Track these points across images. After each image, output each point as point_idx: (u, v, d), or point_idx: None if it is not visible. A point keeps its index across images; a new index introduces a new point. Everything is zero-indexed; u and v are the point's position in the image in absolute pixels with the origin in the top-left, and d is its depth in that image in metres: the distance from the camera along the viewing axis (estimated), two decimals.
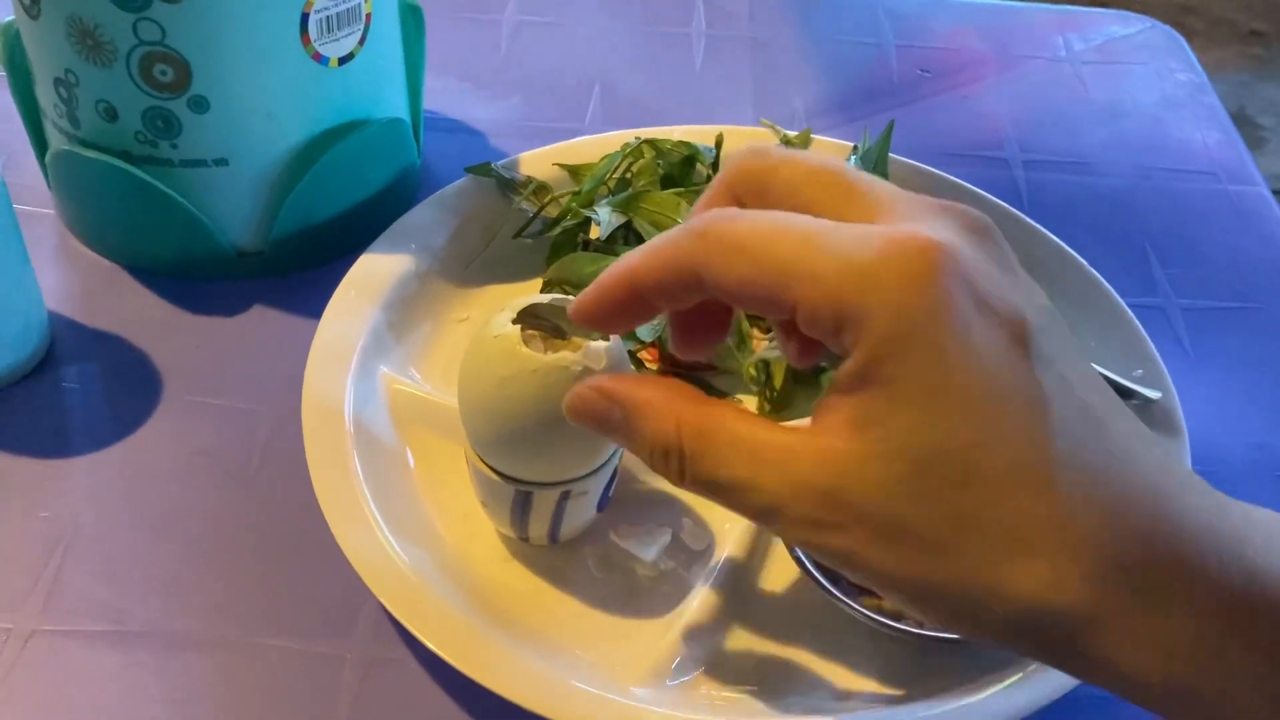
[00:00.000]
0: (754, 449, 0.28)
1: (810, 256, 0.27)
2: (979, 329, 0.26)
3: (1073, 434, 0.26)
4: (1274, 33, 2.33)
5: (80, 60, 0.49)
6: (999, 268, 0.28)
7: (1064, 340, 0.28)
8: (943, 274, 0.26)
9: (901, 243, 0.26)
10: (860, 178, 0.30)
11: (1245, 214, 0.66)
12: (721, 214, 0.29)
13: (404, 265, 0.53)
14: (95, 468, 0.48)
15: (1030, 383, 0.26)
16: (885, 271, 0.26)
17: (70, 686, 0.41)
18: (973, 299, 0.26)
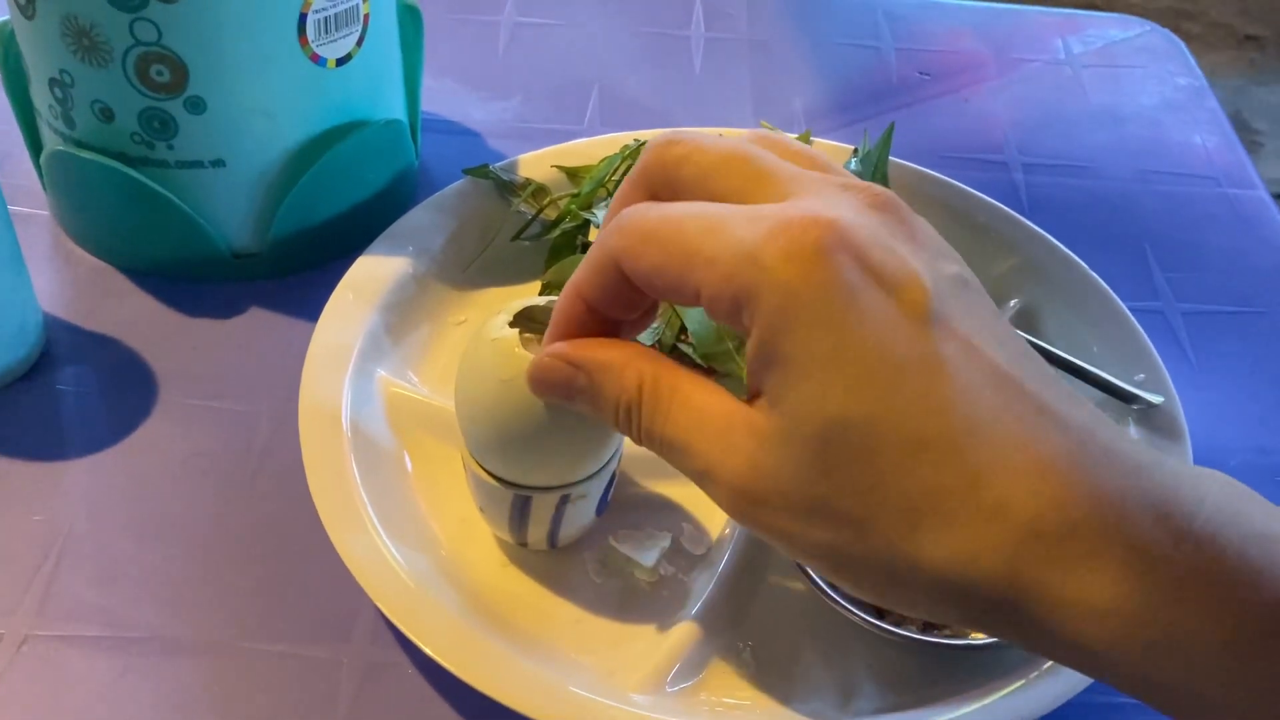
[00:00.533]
0: (700, 413, 0.30)
1: (709, 241, 0.28)
2: (869, 300, 0.26)
3: (978, 400, 0.26)
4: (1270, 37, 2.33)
5: (76, 61, 0.49)
6: (899, 239, 0.28)
7: (972, 305, 0.28)
8: (828, 249, 0.26)
9: (789, 221, 0.27)
10: (766, 161, 0.30)
11: (1246, 218, 0.66)
12: (639, 207, 0.31)
13: (402, 268, 0.53)
14: (90, 471, 0.48)
15: (927, 350, 0.26)
16: (772, 250, 0.27)
17: (64, 692, 0.41)
18: (862, 270, 0.27)
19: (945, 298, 0.28)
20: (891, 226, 0.29)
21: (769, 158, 0.30)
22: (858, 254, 0.27)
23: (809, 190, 0.29)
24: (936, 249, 0.29)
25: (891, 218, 0.29)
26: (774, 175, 0.30)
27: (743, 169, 0.30)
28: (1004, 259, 0.56)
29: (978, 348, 0.27)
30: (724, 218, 0.28)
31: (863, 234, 0.27)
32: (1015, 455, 0.26)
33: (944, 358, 0.26)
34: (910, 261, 0.28)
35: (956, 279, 0.29)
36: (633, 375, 0.31)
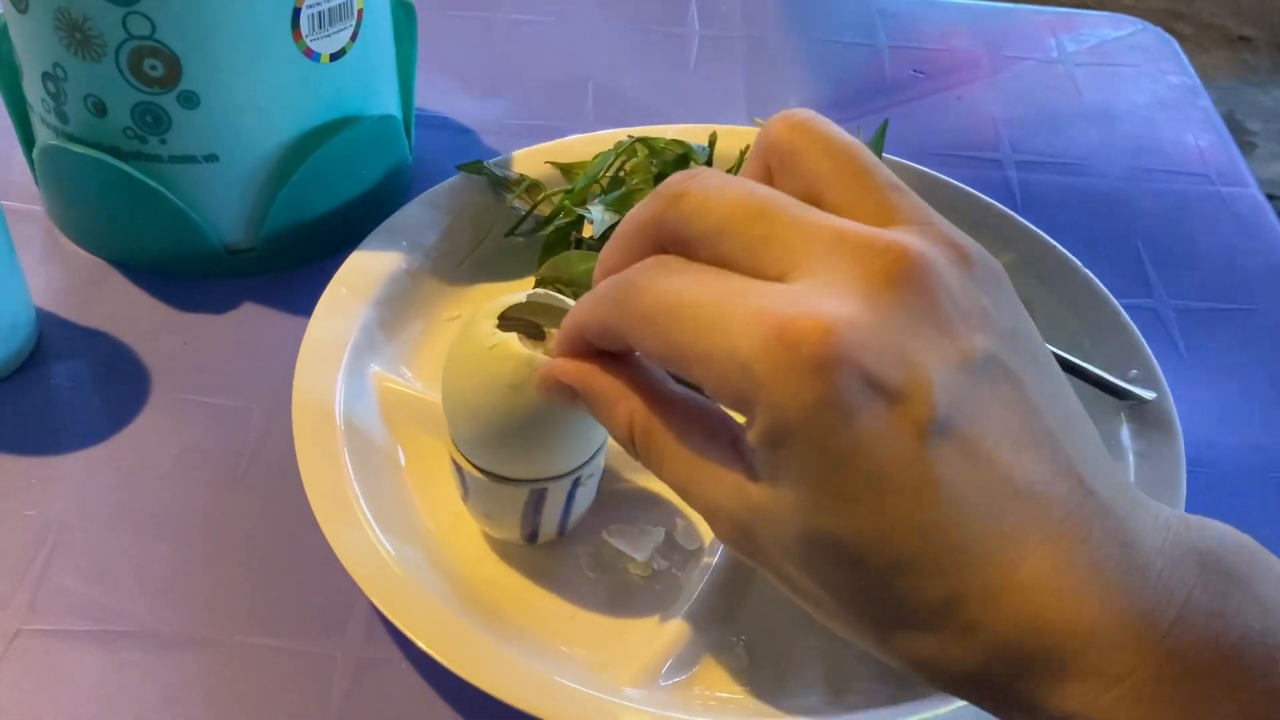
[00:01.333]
0: (689, 462, 0.30)
1: (704, 338, 0.27)
2: (866, 417, 0.25)
3: (968, 519, 0.26)
4: (1262, 38, 2.34)
5: (69, 55, 0.49)
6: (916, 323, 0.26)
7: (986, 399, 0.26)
8: (824, 365, 0.25)
9: (784, 330, 0.25)
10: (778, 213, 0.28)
11: (1238, 216, 0.66)
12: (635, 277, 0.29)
13: (395, 263, 0.53)
14: (83, 466, 0.47)
15: (921, 469, 0.26)
16: (766, 365, 0.26)
17: (56, 686, 0.41)
18: (863, 383, 0.25)
19: (954, 399, 0.26)
20: (908, 304, 0.26)
21: (781, 210, 0.28)
22: (860, 365, 0.25)
23: (820, 261, 0.27)
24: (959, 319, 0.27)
25: (910, 290, 0.26)
26: (785, 234, 0.28)
27: (751, 227, 0.28)
28: (998, 256, 0.54)
29: (982, 454, 0.26)
30: (720, 307, 0.27)
31: (869, 336, 0.25)
32: (995, 578, 0.26)
33: (938, 475, 0.26)
34: (920, 363, 0.26)
35: (975, 364, 0.26)
36: (623, 414, 0.31)
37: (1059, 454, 0.27)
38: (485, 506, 0.43)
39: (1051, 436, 0.27)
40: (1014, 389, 0.27)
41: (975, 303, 0.27)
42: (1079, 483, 0.27)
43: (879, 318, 0.26)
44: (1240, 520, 0.50)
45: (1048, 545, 0.26)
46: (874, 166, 0.30)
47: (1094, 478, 0.27)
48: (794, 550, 0.27)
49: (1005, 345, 0.27)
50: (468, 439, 0.41)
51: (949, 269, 0.27)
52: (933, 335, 0.26)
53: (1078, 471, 0.27)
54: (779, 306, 0.26)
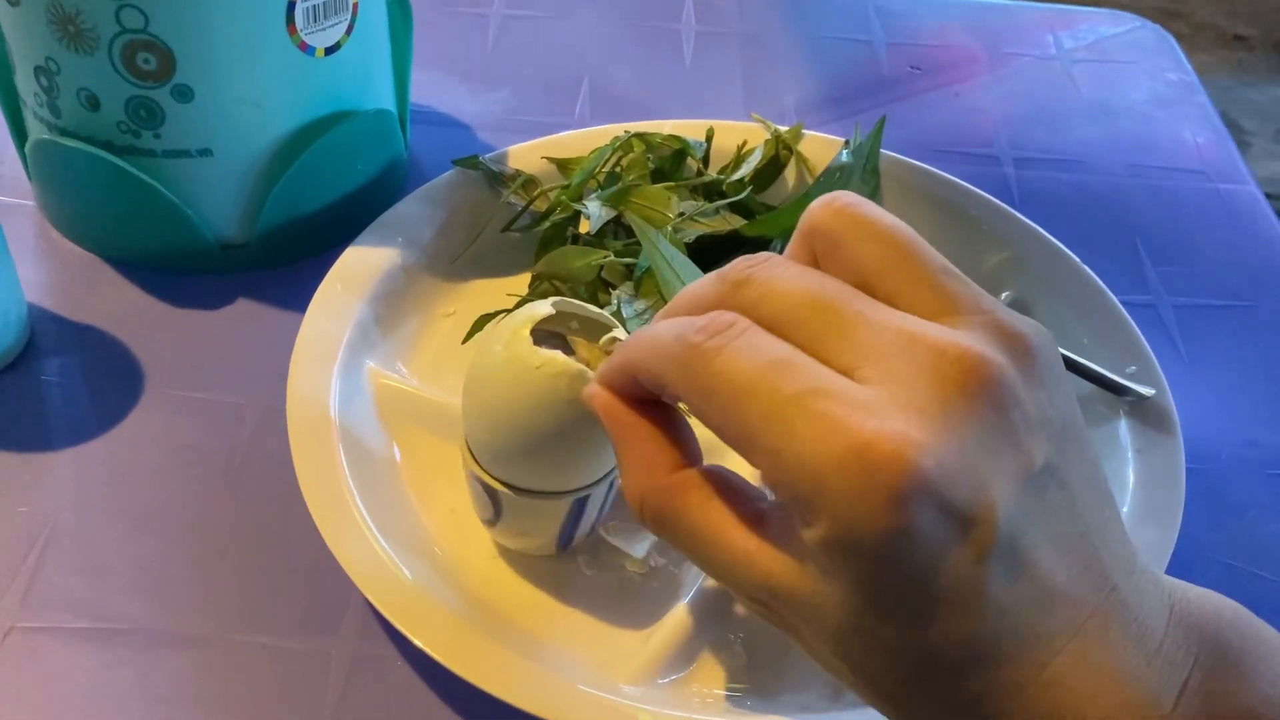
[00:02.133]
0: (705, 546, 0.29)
1: (772, 434, 0.26)
2: (932, 543, 0.25)
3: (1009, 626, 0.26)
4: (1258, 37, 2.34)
5: (61, 48, 0.48)
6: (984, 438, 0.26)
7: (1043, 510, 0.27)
8: (904, 496, 0.25)
9: (861, 450, 0.25)
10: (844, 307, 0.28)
11: (1236, 213, 0.66)
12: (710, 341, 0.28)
13: (390, 259, 0.52)
14: (75, 462, 0.47)
15: (973, 588, 0.26)
16: (839, 482, 0.25)
17: (49, 684, 0.40)
18: (934, 511, 0.25)
19: (1017, 521, 0.26)
20: (979, 415, 0.26)
21: (848, 305, 0.28)
22: (936, 495, 0.25)
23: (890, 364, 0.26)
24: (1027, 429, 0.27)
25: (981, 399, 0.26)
26: (853, 329, 0.27)
27: (818, 319, 0.28)
28: (996, 252, 0.56)
29: (1030, 565, 0.26)
30: (793, 405, 0.26)
31: (946, 463, 0.25)
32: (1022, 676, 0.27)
33: (986, 595, 0.26)
34: (988, 484, 0.26)
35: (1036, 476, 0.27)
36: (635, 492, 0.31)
37: (1092, 553, 0.28)
38: (522, 524, 0.42)
39: (1088, 537, 0.28)
40: (1064, 495, 0.27)
41: (1038, 408, 0.27)
42: (1105, 578, 0.28)
43: (955, 437, 0.26)
44: (1238, 517, 0.50)
45: (1073, 643, 0.27)
46: (924, 252, 0.29)
47: (1115, 569, 0.28)
48: (828, 636, 0.28)
49: (1060, 449, 0.28)
50: (509, 459, 0.40)
51: (1014, 374, 0.27)
52: (1001, 449, 0.26)
53: (1105, 566, 0.28)
54: (855, 421, 0.25)
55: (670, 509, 0.30)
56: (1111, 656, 0.27)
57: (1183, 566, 0.45)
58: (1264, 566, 0.48)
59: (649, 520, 0.31)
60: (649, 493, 0.30)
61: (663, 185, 0.54)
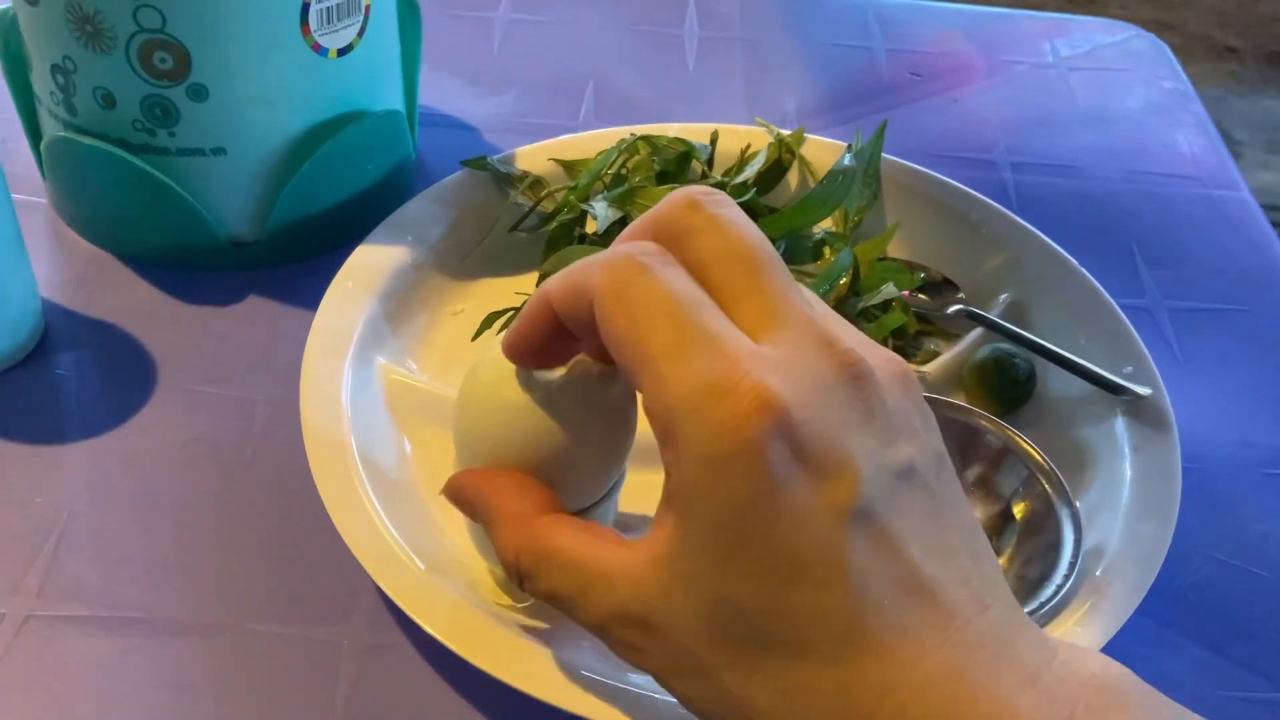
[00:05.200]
0: (582, 573, 0.30)
1: (666, 359, 0.27)
2: (791, 493, 0.26)
3: (874, 608, 0.26)
4: (1249, 49, 2.36)
5: (79, 47, 0.49)
6: (857, 421, 0.27)
7: (910, 497, 0.28)
8: (764, 434, 0.26)
9: (736, 385, 0.26)
10: (769, 277, 0.29)
11: (1230, 219, 0.67)
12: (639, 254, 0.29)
13: (400, 257, 0.53)
14: (90, 455, 0.48)
15: (835, 552, 0.26)
16: (710, 416, 0.26)
17: (66, 672, 0.41)
18: (794, 458, 0.26)
19: (878, 490, 0.27)
20: (851, 403, 0.28)
21: (774, 273, 0.29)
22: (794, 440, 0.26)
23: (789, 333, 0.28)
24: (893, 431, 0.28)
25: (858, 391, 0.28)
26: (769, 296, 0.29)
27: (742, 276, 0.29)
28: (995, 254, 0.57)
29: (896, 547, 0.27)
30: (693, 341, 0.27)
31: (811, 416, 0.26)
32: (892, 673, 0.26)
33: (848, 562, 0.26)
34: (851, 452, 0.27)
35: (900, 470, 0.28)
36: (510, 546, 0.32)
37: (963, 568, 0.28)
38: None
39: (957, 552, 0.28)
40: (930, 500, 0.28)
41: (907, 420, 0.29)
42: (979, 596, 0.28)
43: (823, 403, 0.27)
44: (1232, 516, 0.51)
45: (945, 649, 0.26)
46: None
47: (993, 595, 0.28)
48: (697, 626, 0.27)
49: (928, 462, 0.29)
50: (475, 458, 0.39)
51: (892, 385, 0.29)
52: (868, 435, 0.28)
53: (978, 587, 0.28)
54: (740, 365, 0.27)
55: (546, 544, 0.31)
56: (991, 673, 0.26)
57: (1178, 562, 0.46)
58: (1256, 563, 0.49)
59: (527, 566, 0.31)
60: (523, 539, 0.31)
61: (668, 187, 0.55)
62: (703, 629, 0.27)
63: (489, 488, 0.34)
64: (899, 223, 0.57)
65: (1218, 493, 0.51)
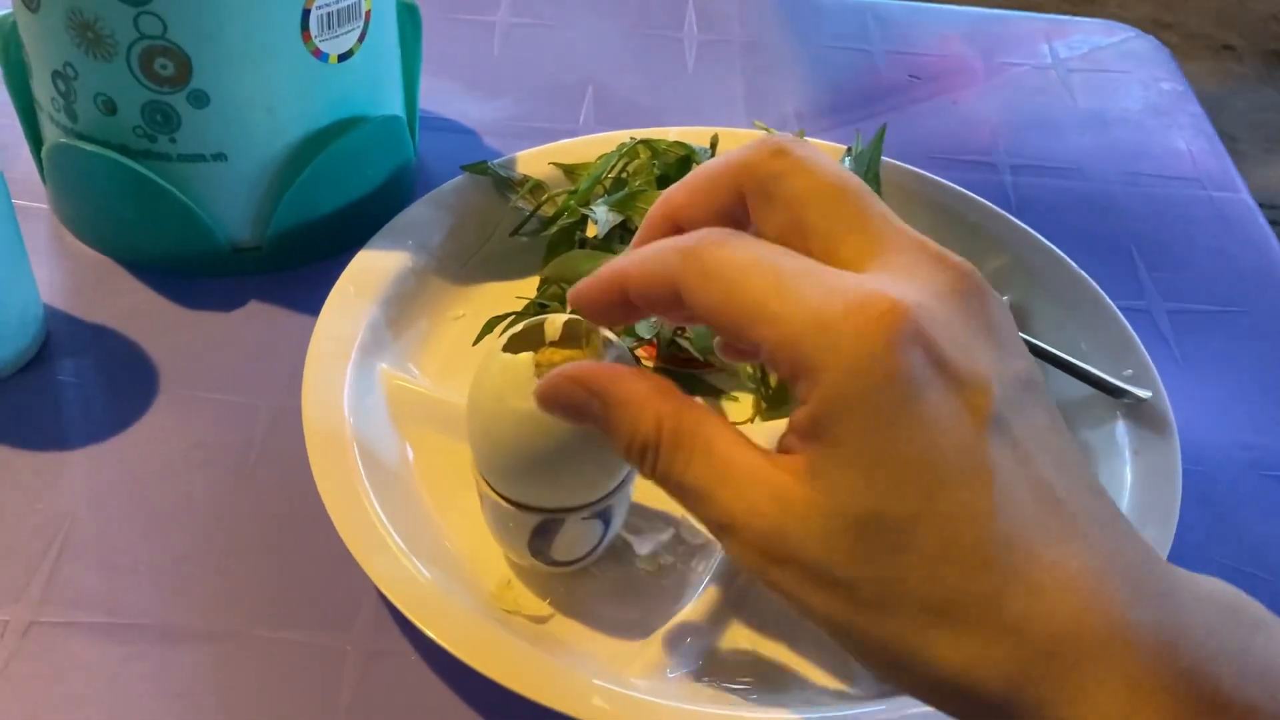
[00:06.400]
0: (723, 462, 0.29)
1: (778, 299, 0.27)
2: (932, 397, 0.26)
3: (1017, 514, 0.26)
4: (1247, 48, 2.36)
5: (80, 53, 0.49)
6: (977, 331, 0.28)
7: (1033, 409, 0.28)
8: (901, 339, 0.26)
9: (865, 302, 0.26)
10: (866, 203, 0.29)
11: (1229, 220, 0.67)
12: (709, 236, 0.29)
13: (401, 262, 0.53)
14: (92, 461, 0.48)
15: (979, 458, 0.26)
16: (843, 330, 0.26)
17: (68, 678, 0.41)
18: (931, 365, 0.26)
19: (1009, 400, 0.27)
20: (972, 314, 0.28)
21: (870, 202, 0.29)
22: (930, 348, 0.26)
23: (899, 256, 0.28)
24: (1009, 343, 0.29)
25: (975, 303, 0.28)
26: (871, 224, 0.29)
27: (841, 207, 0.29)
28: (995, 257, 0.57)
29: (1029, 456, 0.27)
30: (797, 275, 0.27)
31: (939, 325, 0.27)
32: (1041, 574, 0.26)
33: (993, 466, 0.26)
34: (981, 360, 0.27)
35: (1023, 379, 0.28)
36: (651, 415, 0.30)
37: (1091, 480, 0.28)
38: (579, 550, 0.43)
39: (1081, 463, 0.28)
40: (1050, 412, 0.29)
41: (1015, 337, 0.29)
42: (1108, 508, 0.28)
43: (948, 315, 0.27)
44: (1233, 518, 0.51)
45: (1088, 554, 0.26)
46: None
47: (1115, 508, 0.28)
48: (843, 544, 0.27)
49: (1035, 373, 0.29)
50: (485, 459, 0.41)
51: (999, 302, 0.29)
52: (990, 344, 0.28)
53: (1105, 498, 0.28)
54: (860, 283, 0.27)
55: (694, 423, 0.29)
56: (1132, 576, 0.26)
57: (1178, 565, 0.46)
58: (1257, 566, 0.49)
59: (669, 440, 0.29)
60: (671, 411, 0.30)
61: None
62: (843, 542, 0.27)
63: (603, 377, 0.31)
64: None
65: (1219, 495, 0.51)
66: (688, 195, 0.31)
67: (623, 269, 0.31)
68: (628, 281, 0.31)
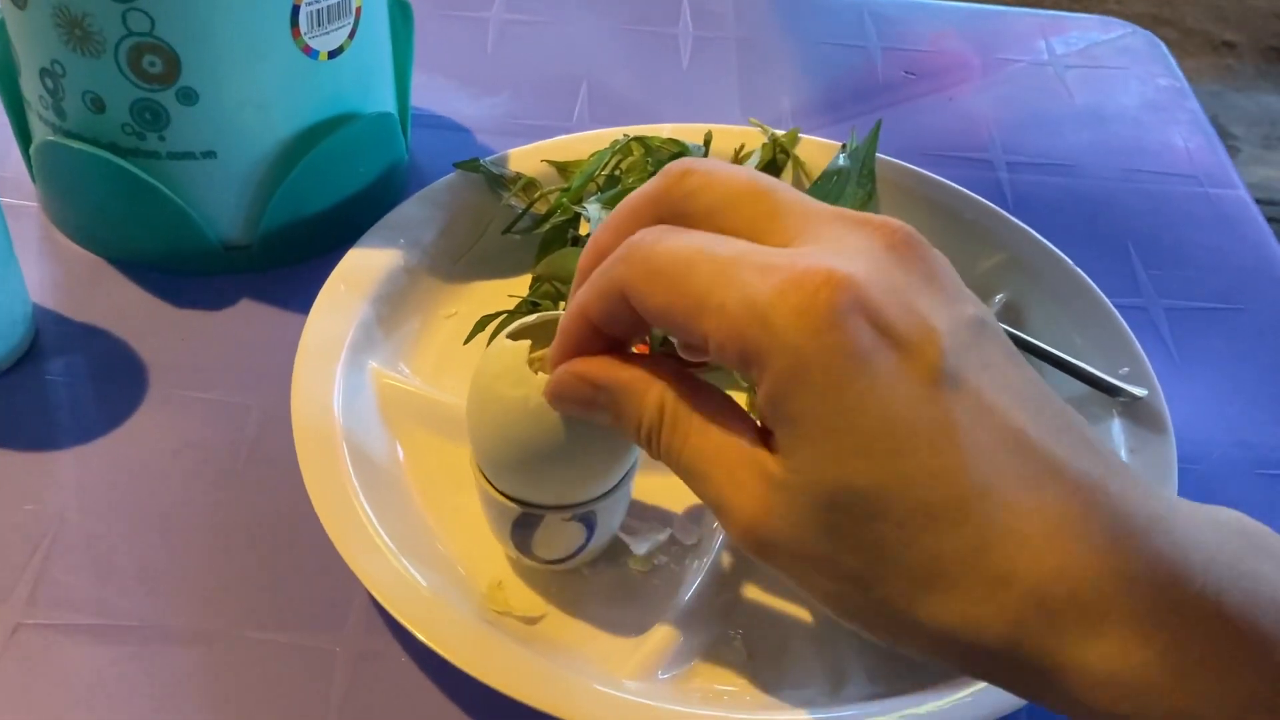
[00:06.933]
0: (717, 444, 0.29)
1: (720, 288, 0.27)
2: (880, 363, 0.26)
3: (987, 464, 0.26)
4: (1246, 44, 2.35)
5: (68, 51, 0.49)
6: (918, 285, 0.28)
7: (988, 353, 0.28)
8: (841, 311, 0.26)
9: (800, 277, 0.26)
10: (780, 195, 0.29)
11: (1226, 217, 0.67)
12: (645, 236, 0.29)
13: (393, 260, 0.53)
14: (81, 461, 0.47)
15: (937, 414, 0.26)
16: (782, 309, 0.26)
17: (57, 680, 0.41)
18: (875, 331, 0.26)
19: (961, 351, 0.27)
20: (909, 269, 0.28)
21: (783, 192, 0.30)
22: (871, 313, 0.26)
23: (823, 230, 0.28)
24: (954, 290, 0.29)
25: (910, 257, 0.28)
26: (788, 211, 0.29)
27: (755, 205, 0.29)
28: (990, 255, 0.56)
29: (990, 404, 0.27)
30: (734, 262, 0.27)
31: (878, 290, 0.27)
32: (1021, 523, 0.26)
33: (954, 421, 0.26)
34: (927, 316, 0.27)
35: (974, 323, 0.28)
36: (654, 397, 0.30)
37: (1063, 413, 0.28)
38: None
39: (1050, 397, 0.28)
40: (1008, 349, 0.28)
41: (954, 277, 0.29)
42: (1086, 440, 0.27)
43: (886, 276, 0.27)
44: None
45: (1068, 493, 0.26)
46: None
47: (1095, 440, 0.28)
48: (819, 521, 0.27)
49: (985, 315, 0.29)
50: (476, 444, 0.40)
51: (937, 253, 0.29)
52: (934, 295, 0.28)
53: (1082, 430, 0.27)
54: (791, 261, 0.27)
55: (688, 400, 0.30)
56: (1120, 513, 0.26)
57: None
58: None
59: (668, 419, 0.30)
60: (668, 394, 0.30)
61: None
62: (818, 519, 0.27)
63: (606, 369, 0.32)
64: None
65: (1215, 493, 0.51)
66: (613, 235, 0.31)
67: (578, 302, 0.31)
68: (589, 311, 0.31)
